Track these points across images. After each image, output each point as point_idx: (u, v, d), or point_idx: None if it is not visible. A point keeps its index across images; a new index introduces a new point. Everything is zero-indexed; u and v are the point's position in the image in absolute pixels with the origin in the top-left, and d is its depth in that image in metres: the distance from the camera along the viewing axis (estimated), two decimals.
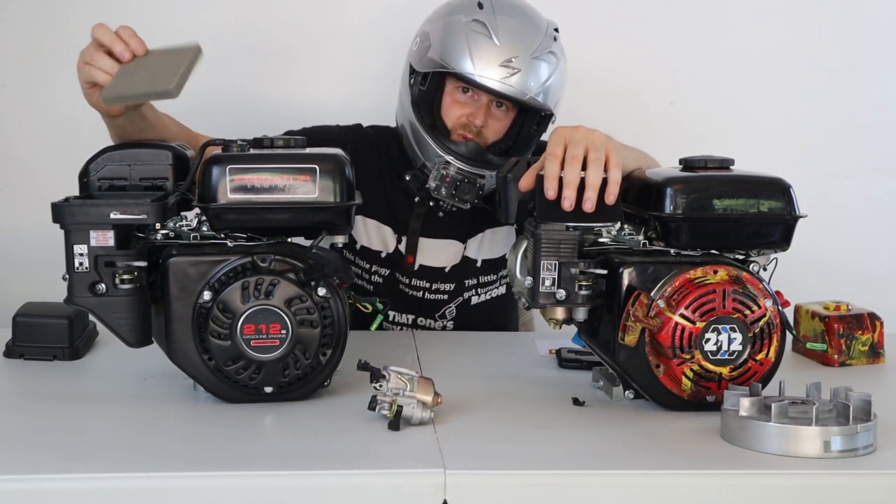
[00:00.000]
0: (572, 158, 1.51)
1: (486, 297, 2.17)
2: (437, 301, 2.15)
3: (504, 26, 2.00)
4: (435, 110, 2.05)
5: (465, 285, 2.15)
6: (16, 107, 2.54)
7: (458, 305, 2.15)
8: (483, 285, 2.16)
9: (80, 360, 1.77)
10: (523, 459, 1.36)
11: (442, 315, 2.15)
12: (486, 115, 2.03)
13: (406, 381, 1.43)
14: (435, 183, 2.00)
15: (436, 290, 2.14)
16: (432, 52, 2.02)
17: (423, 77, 2.04)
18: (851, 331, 1.82)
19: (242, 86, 2.55)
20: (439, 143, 2.00)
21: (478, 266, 2.15)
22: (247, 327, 1.49)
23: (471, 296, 2.16)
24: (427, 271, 2.14)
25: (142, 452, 1.36)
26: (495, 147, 2.05)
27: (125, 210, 1.49)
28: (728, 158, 1.63)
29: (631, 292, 1.52)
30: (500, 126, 2.05)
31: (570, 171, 1.51)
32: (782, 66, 2.68)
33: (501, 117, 2.05)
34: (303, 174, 1.52)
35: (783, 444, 1.36)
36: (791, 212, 1.58)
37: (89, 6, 2.52)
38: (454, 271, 2.14)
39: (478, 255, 2.15)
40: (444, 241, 2.14)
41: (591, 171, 1.51)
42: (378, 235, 2.13)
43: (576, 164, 1.51)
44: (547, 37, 2.03)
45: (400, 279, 2.13)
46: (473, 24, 2.00)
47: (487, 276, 2.16)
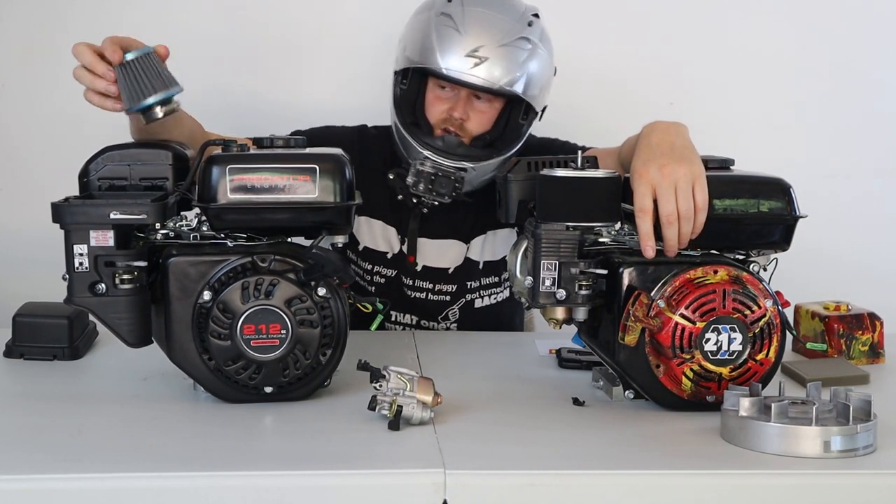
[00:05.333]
0: (668, 217, 1.51)
1: (489, 300, 2.16)
2: (440, 303, 2.15)
3: (471, 17, 1.98)
4: (418, 109, 2.04)
5: (468, 287, 2.15)
6: (16, 107, 2.54)
7: (461, 308, 2.15)
8: (485, 287, 2.16)
9: (80, 360, 1.77)
10: (523, 459, 1.36)
11: (445, 317, 2.15)
12: (465, 108, 2.01)
13: (406, 381, 1.43)
14: (412, 179, 1.99)
15: (438, 292, 2.14)
16: (406, 50, 2.03)
17: (402, 76, 2.04)
18: (851, 331, 1.82)
19: (239, 86, 2.55)
20: (417, 140, 2.00)
21: (480, 268, 2.15)
22: (247, 327, 1.49)
23: (473, 298, 2.15)
24: (430, 272, 2.13)
25: (142, 452, 1.36)
26: (480, 139, 2.03)
27: (125, 210, 1.49)
28: (728, 158, 1.63)
29: (631, 292, 1.52)
30: (483, 118, 2.03)
31: (670, 235, 1.52)
32: (782, 66, 2.68)
33: (485, 109, 2.03)
34: (303, 174, 1.52)
35: (783, 444, 1.36)
36: (791, 212, 1.58)
37: (89, 6, 2.52)
38: (457, 272, 2.14)
39: (480, 257, 2.15)
40: (445, 242, 2.14)
41: (684, 226, 1.52)
42: (384, 236, 2.13)
43: (672, 223, 1.51)
44: (519, 23, 1.99)
45: (404, 280, 2.13)
46: (441, 18, 1.98)
47: (489, 277, 2.16)
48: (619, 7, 2.64)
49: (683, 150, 1.58)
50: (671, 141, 1.60)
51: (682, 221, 1.52)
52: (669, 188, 1.52)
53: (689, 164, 1.54)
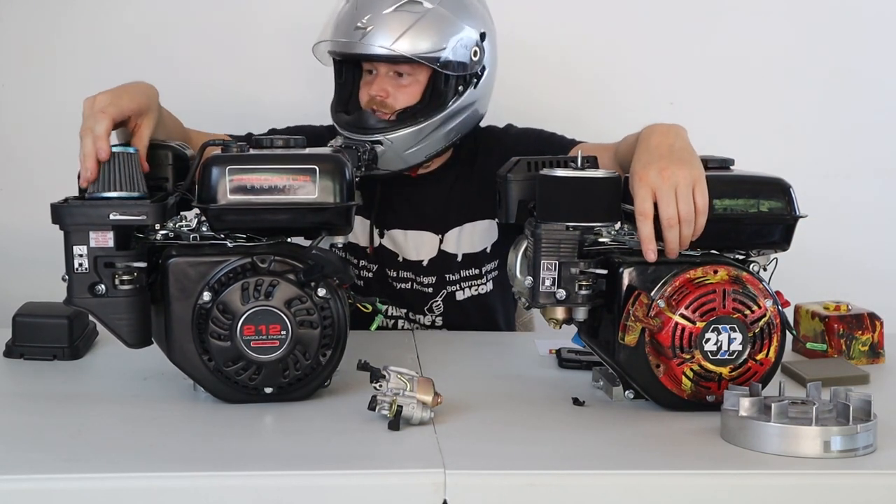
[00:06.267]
0: (669, 221, 1.51)
1: (471, 292, 2.16)
2: (424, 294, 2.15)
3: None
4: (353, 100, 2.06)
5: (447, 279, 2.14)
6: (16, 107, 2.54)
7: (443, 300, 2.15)
8: (465, 279, 2.15)
9: (80, 360, 1.77)
10: (523, 459, 1.36)
11: (430, 309, 2.15)
12: (382, 85, 2.02)
13: (406, 381, 1.43)
14: None
15: (420, 283, 2.14)
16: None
17: (335, 70, 2.07)
18: (851, 331, 1.82)
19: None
20: (337, 122, 2.04)
21: (458, 260, 2.15)
22: (246, 328, 1.49)
23: (454, 290, 2.15)
24: (409, 265, 2.14)
25: (142, 452, 1.36)
26: (405, 113, 2.02)
27: (124, 211, 1.49)
28: (728, 158, 1.63)
29: (631, 292, 1.52)
30: (406, 92, 2.03)
31: (671, 238, 1.52)
32: (782, 66, 2.68)
33: (407, 83, 2.03)
34: (302, 174, 1.52)
35: (783, 444, 1.36)
36: (791, 212, 1.58)
37: (88, 6, 2.52)
38: (432, 265, 2.14)
39: (457, 250, 2.14)
40: (416, 233, 2.13)
41: (685, 229, 1.52)
42: (362, 230, 2.13)
43: (673, 227, 1.51)
44: None
45: (388, 273, 2.14)
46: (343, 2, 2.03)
47: (469, 270, 2.15)
48: (620, 7, 2.64)
49: (683, 153, 1.58)
50: (670, 143, 1.60)
51: (682, 224, 1.52)
52: (670, 191, 1.52)
53: (688, 167, 1.54)
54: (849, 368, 1.75)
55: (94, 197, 1.52)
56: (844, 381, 1.62)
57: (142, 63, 2.46)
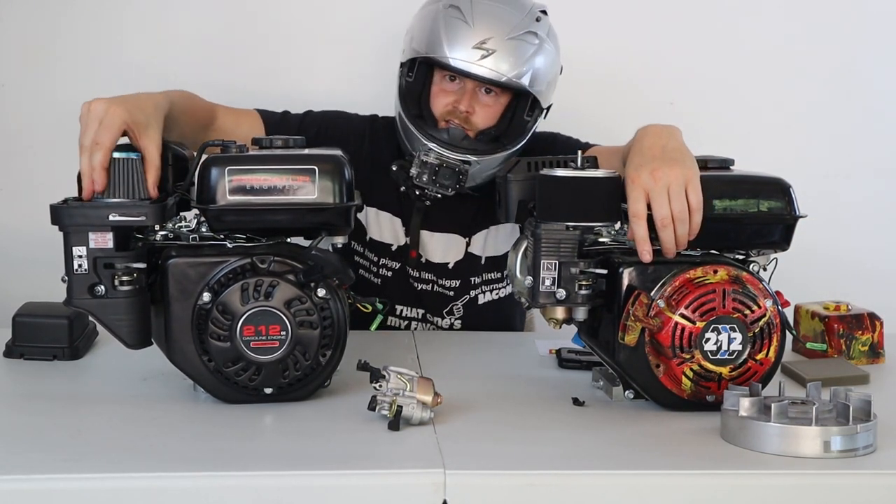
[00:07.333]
0: (663, 221, 1.51)
1: (493, 296, 2.16)
2: (445, 297, 2.14)
3: (480, 9, 1.99)
4: (423, 101, 2.04)
5: (471, 283, 2.15)
6: (16, 107, 2.54)
7: (464, 304, 2.15)
8: (488, 283, 2.15)
9: (80, 360, 1.77)
10: (523, 459, 1.36)
11: (450, 312, 2.15)
12: (471, 101, 2.02)
13: (406, 381, 1.43)
14: (416, 170, 1.98)
15: (442, 286, 2.14)
16: (413, 41, 2.03)
17: (409, 69, 2.04)
18: (851, 331, 1.82)
19: (245, 81, 2.55)
20: (422, 131, 2.00)
21: (482, 263, 2.15)
22: (246, 328, 1.49)
23: (477, 294, 2.15)
24: (432, 267, 2.13)
25: (142, 452, 1.36)
26: (486, 134, 2.03)
27: (124, 212, 1.48)
28: (728, 158, 1.63)
29: (631, 292, 1.52)
30: (489, 112, 2.03)
31: (666, 238, 1.52)
32: (782, 66, 2.68)
33: (491, 103, 2.03)
34: (302, 175, 1.52)
35: (783, 444, 1.36)
36: (791, 212, 1.58)
37: (88, 6, 2.52)
38: (458, 268, 2.14)
39: (483, 252, 2.15)
40: (445, 236, 2.13)
41: (679, 228, 1.52)
42: (390, 228, 2.13)
43: (667, 226, 1.52)
44: (528, 18, 2.00)
45: (410, 273, 2.13)
46: (450, 10, 1.99)
47: (492, 273, 2.15)
48: (620, 7, 2.64)
49: (675, 153, 1.58)
50: (662, 144, 1.61)
51: (676, 223, 1.52)
52: (662, 191, 1.52)
53: (680, 166, 1.54)
54: (849, 368, 1.75)
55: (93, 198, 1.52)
56: (844, 381, 1.62)
57: (142, 63, 2.46)
